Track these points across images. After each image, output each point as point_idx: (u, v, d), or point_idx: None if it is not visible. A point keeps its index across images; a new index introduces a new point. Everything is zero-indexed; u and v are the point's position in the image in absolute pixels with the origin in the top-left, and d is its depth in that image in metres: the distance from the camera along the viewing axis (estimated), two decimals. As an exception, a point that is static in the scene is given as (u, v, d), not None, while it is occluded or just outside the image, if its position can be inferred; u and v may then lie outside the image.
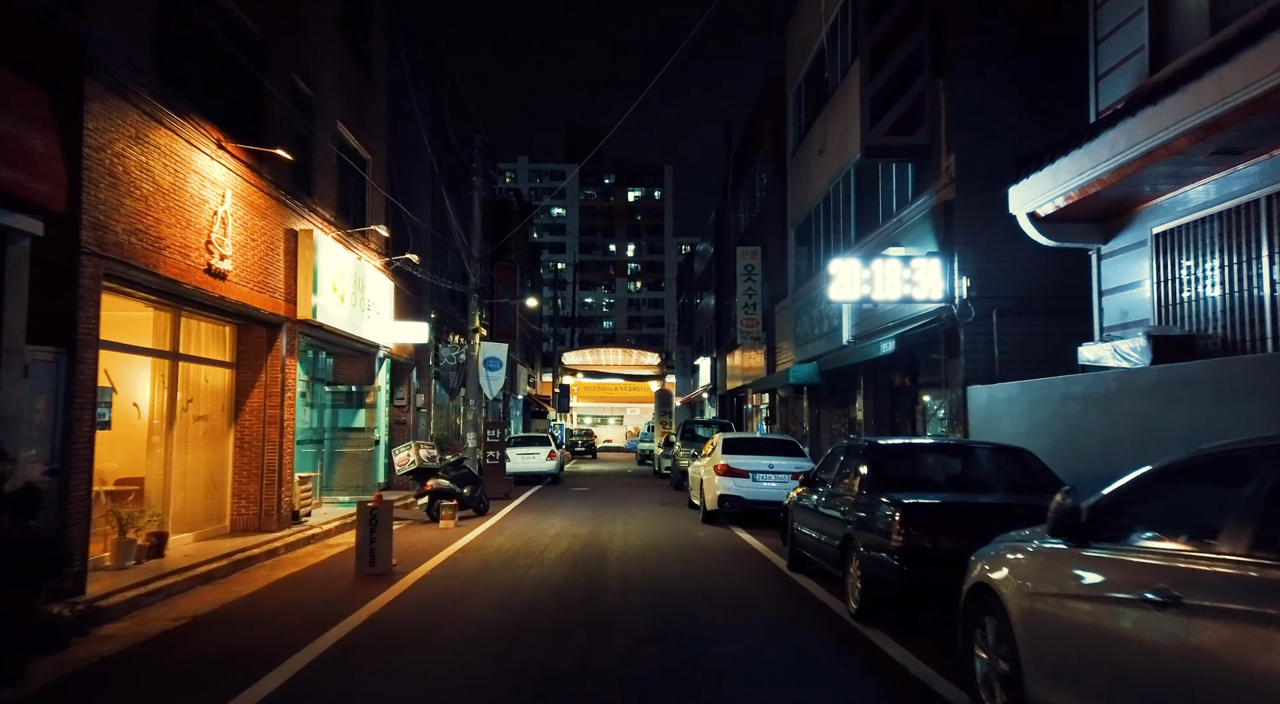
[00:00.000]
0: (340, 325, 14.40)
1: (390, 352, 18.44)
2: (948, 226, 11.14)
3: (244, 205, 11.11)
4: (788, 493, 14.03)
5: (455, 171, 22.97)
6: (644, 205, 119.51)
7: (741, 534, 13.50)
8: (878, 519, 6.78)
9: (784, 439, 16.14)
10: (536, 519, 15.65)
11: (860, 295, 11.25)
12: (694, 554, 11.32)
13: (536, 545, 12.05)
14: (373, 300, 16.50)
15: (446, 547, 11.91)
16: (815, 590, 8.66)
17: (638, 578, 9.45)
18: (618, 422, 72.85)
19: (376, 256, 17.10)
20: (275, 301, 12.16)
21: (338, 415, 17.38)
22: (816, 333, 17.80)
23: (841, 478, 8.31)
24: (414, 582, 9.22)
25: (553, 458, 25.68)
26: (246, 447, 12.30)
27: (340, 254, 14.46)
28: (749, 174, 29.24)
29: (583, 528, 14.20)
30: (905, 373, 14.58)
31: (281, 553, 11.39)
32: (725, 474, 14.48)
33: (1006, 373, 10.82)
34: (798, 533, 9.51)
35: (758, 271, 24.75)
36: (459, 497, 15.70)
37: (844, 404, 18.32)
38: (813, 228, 19.54)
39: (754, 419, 28.60)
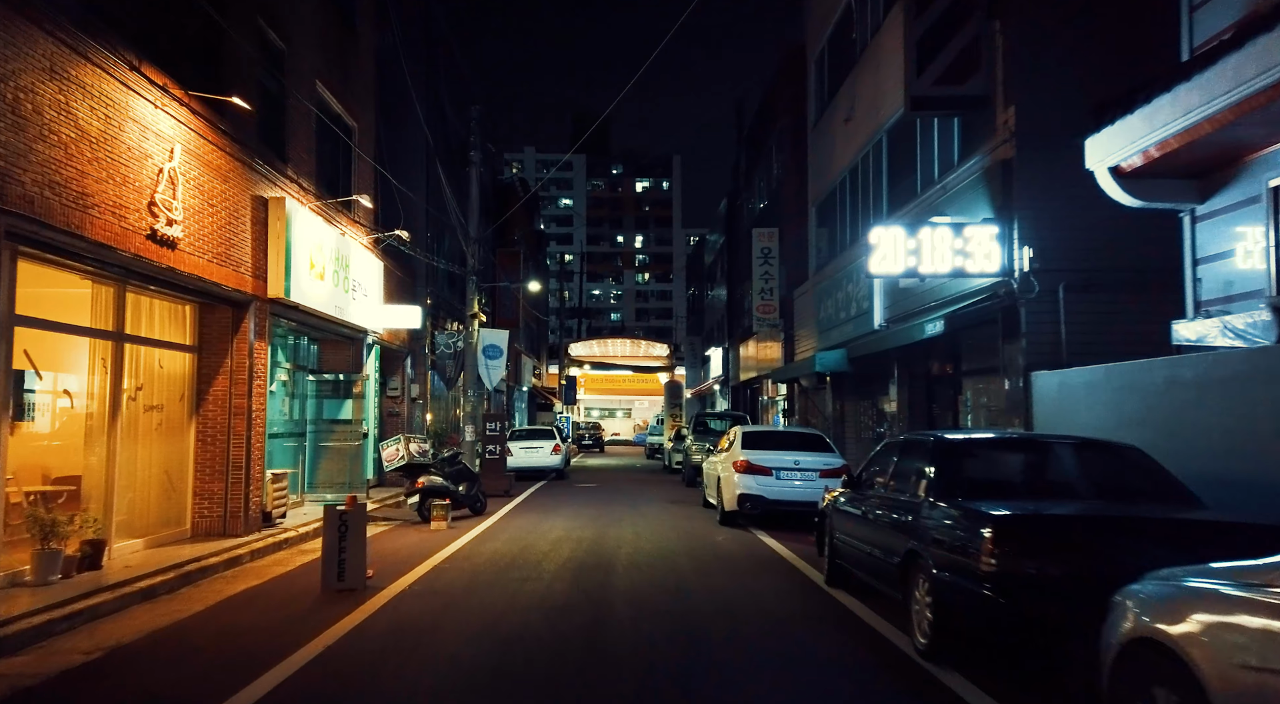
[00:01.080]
0: (320, 306, 13.02)
1: (380, 338, 17.05)
2: (1006, 189, 9.69)
3: (200, 165, 9.72)
4: (816, 493, 12.69)
5: (452, 148, 21.56)
6: (652, 196, 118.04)
7: (765, 539, 12.09)
8: (959, 535, 5.36)
9: (810, 432, 14.72)
10: (537, 520, 14.27)
11: (905, 268, 9.82)
12: (713, 565, 9.91)
13: (534, 552, 10.66)
14: (359, 281, 15.11)
15: (433, 553, 10.54)
16: (864, 614, 7.24)
17: (649, 597, 8.05)
18: (625, 415, 71.51)
19: (363, 233, 15.71)
20: (240, 277, 10.78)
21: (322, 406, 16.02)
22: (842, 317, 16.36)
23: (898, 480, 6.89)
24: (387, 600, 7.84)
25: (557, 452, 24.30)
26: (210, 441, 10.94)
27: (320, 228, 13.07)
28: (763, 154, 27.75)
29: (587, 531, 12.82)
30: (945, 359, 13.14)
31: (245, 561, 10.02)
32: (745, 471, 13.07)
33: (1074, 356, 9.37)
34: (839, 543, 8.09)
35: (774, 255, 23.28)
36: (453, 495, 14.33)
37: (873, 394, 16.88)
38: (837, 204, 18.07)
39: (769, 411, 27.17)
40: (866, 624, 6.93)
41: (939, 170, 12.16)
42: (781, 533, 12.60)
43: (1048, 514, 5.23)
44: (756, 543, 11.80)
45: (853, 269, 15.77)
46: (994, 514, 5.04)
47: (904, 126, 13.82)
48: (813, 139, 20.45)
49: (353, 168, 15.61)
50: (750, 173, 30.45)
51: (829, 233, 19.08)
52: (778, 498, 12.84)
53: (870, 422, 17.25)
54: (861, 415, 17.81)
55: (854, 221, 16.84)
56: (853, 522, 7.67)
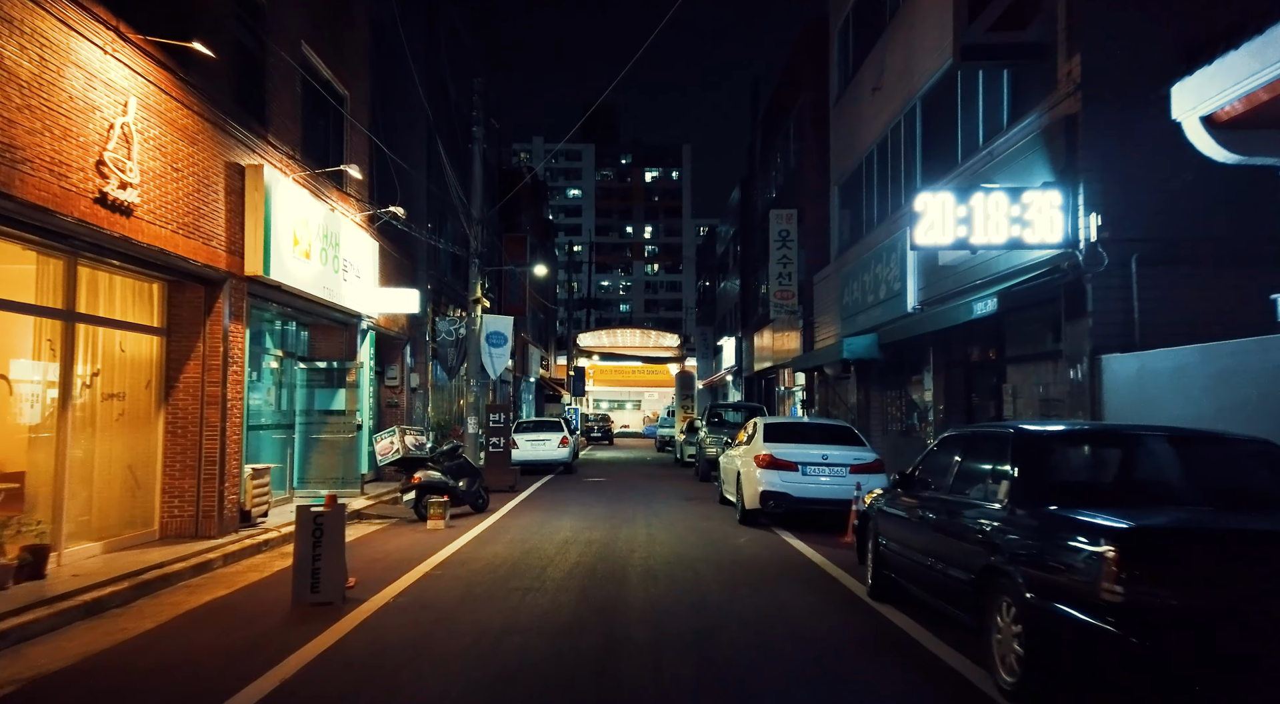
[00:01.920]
0: (305, 287, 11.97)
1: (375, 323, 16.01)
2: (1070, 149, 8.56)
3: (162, 123, 8.66)
4: (847, 490, 11.61)
5: (454, 126, 20.48)
6: (661, 186, 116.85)
7: (791, 541, 11.01)
8: (1063, 552, 4.28)
9: (838, 424, 13.61)
10: (543, 519, 13.23)
11: (954, 239, 8.71)
12: (738, 573, 8.83)
13: (539, 557, 9.61)
14: (351, 261, 14.06)
15: (427, 557, 9.50)
16: (923, 637, 6.16)
17: (668, 615, 6.98)
18: (635, 406, 70.42)
19: (355, 209, 14.65)
20: (212, 251, 9.73)
21: (313, 396, 15.00)
22: (870, 301, 15.24)
23: (965, 480, 5.80)
24: (366, 617, 6.79)
25: (565, 445, 23.25)
26: (180, 433, 9.92)
27: (305, 202, 12.02)
28: (781, 134, 26.58)
29: (597, 532, 11.76)
30: (988, 343, 12.01)
31: (216, 567, 9.00)
32: (769, 467, 11.99)
33: (1149, 337, 8.25)
34: (886, 551, 7.01)
35: (793, 238, 22.14)
36: (451, 491, 13.30)
37: (902, 383, 15.76)
38: (863, 182, 16.92)
39: (786, 402, 26.07)
40: (929, 652, 5.84)
41: (984, 136, 11.02)
42: (808, 534, 11.53)
43: (1193, 528, 4.12)
44: (782, 546, 10.72)
45: (882, 249, 14.65)
46: (1119, 528, 3.94)
47: (941, 91, 12.68)
48: (835, 115, 19.29)
49: (344, 140, 14.54)
50: (766, 155, 29.26)
51: (853, 213, 17.94)
52: (804, 496, 11.76)
53: (898, 413, 16.15)
54: (888, 406, 16.70)
55: (882, 199, 15.70)
56: (905, 527, 6.59)
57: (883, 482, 11.78)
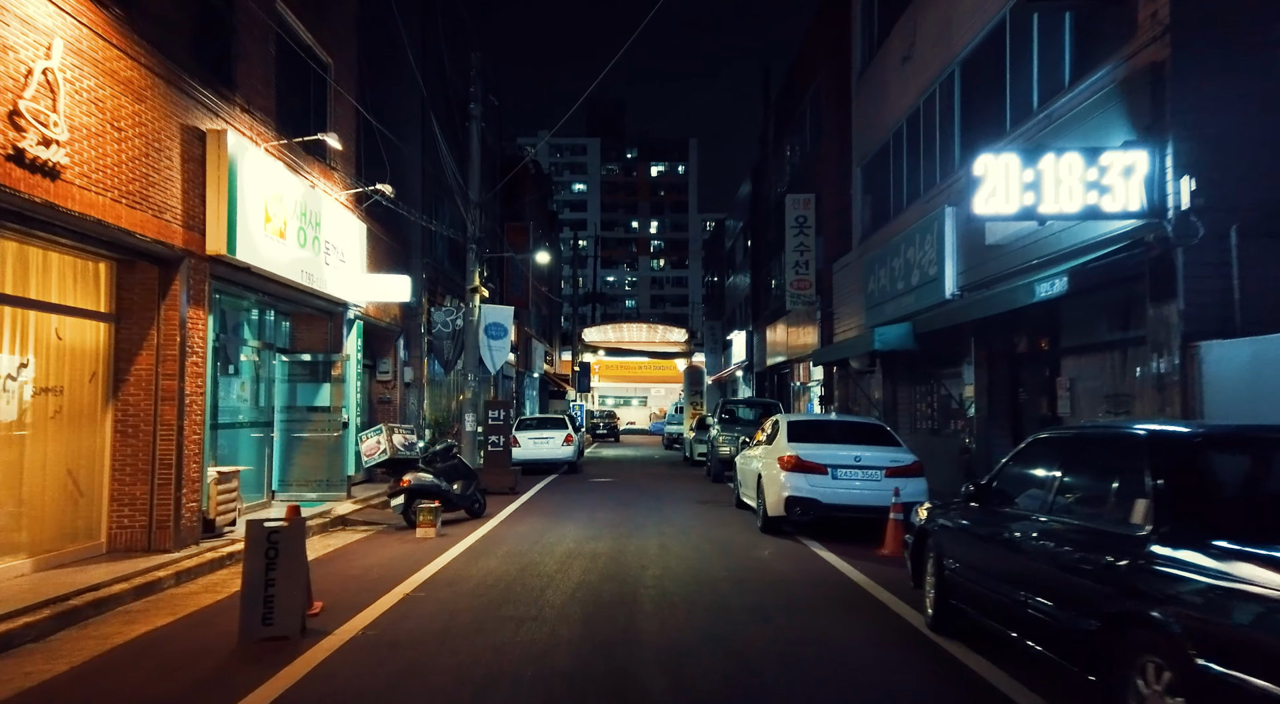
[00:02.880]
0: (280, 270, 10.78)
1: (364, 313, 14.82)
2: (1156, 103, 7.33)
3: (100, 74, 7.47)
4: (882, 496, 10.38)
5: (450, 103, 19.27)
6: (667, 180, 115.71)
7: (822, 553, 9.80)
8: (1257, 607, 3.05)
9: (869, 422, 12.39)
10: (545, 526, 12.04)
11: (1020, 207, 7.49)
12: (769, 596, 7.62)
13: (538, 574, 8.41)
14: (335, 244, 12.87)
15: (411, 575, 8.32)
16: (1013, 690, 4.93)
17: (692, 656, 5.76)
18: (641, 403, 69.20)
19: (339, 187, 13.45)
20: (165, 226, 8.53)
21: (295, 391, 13.82)
22: (900, 288, 14.02)
23: (1075, 496, 4.57)
24: (325, 658, 5.60)
25: (569, 443, 22.07)
26: (131, 433, 8.74)
27: (280, 176, 10.83)
28: (795, 117, 25.32)
29: (604, 542, 10.57)
30: (1039, 332, 10.79)
31: (166, 586, 7.83)
32: (794, 469, 10.77)
33: (1251, 321, 7.01)
34: (955, 577, 5.79)
35: (810, 224, 20.89)
36: (444, 495, 12.13)
37: (933, 378, 14.53)
38: (890, 160, 15.68)
39: (801, 399, 24.84)
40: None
41: (1039, 98, 9.78)
42: (838, 544, 10.32)
43: None
44: (812, 560, 9.51)
45: (914, 231, 13.41)
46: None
47: (985, 54, 11.43)
48: (858, 91, 18.04)
49: (328, 112, 13.33)
50: (779, 140, 28.00)
51: (878, 194, 16.70)
52: (835, 502, 10.55)
53: (929, 410, 14.92)
54: (917, 403, 15.48)
55: (913, 177, 14.46)
56: (983, 550, 5.37)
57: (922, 486, 10.58)
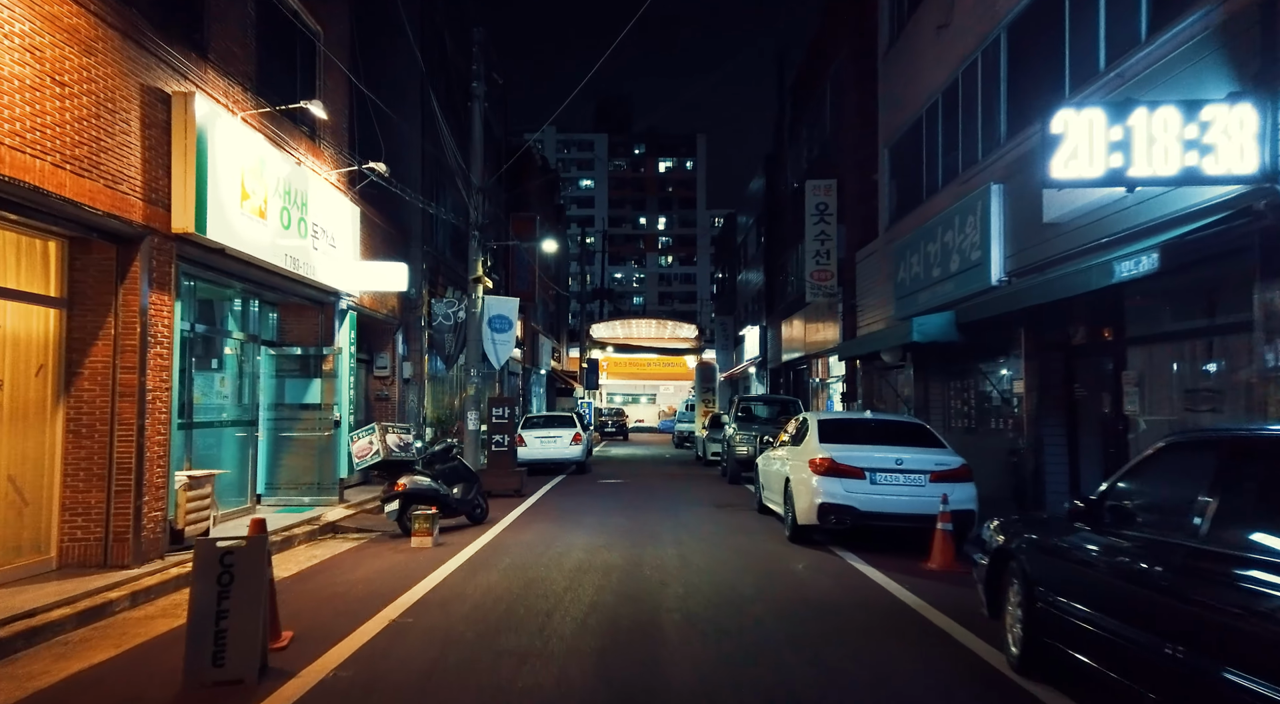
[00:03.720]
0: (260, 253, 9.77)
1: (358, 303, 13.82)
2: (1268, 47, 6.25)
3: (38, 19, 6.46)
4: (929, 503, 9.29)
5: (451, 82, 18.25)
6: (675, 176, 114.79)
7: (861, 567, 8.76)
8: None
9: (907, 421, 11.32)
10: (552, 533, 11.02)
11: (1105, 170, 6.42)
12: (812, 623, 6.57)
13: (543, 594, 7.39)
14: (324, 228, 11.87)
15: (400, 593, 7.32)
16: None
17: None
18: (650, 400, 68.11)
19: (329, 165, 12.44)
20: (120, 198, 7.53)
21: (283, 387, 12.82)
22: (935, 276, 12.94)
23: (1245, 519, 3.51)
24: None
25: (578, 442, 21.05)
26: (85, 433, 7.75)
27: (260, 149, 9.82)
28: (814, 101, 24.23)
29: (617, 552, 9.55)
30: (1101, 320, 9.71)
31: (119, 609, 6.84)
32: (828, 473, 9.73)
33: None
34: (1052, 612, 4.74)
35: (832, 212, 19.82)
36: (442, 500, 11.14)
37: (970, 373, 13.45)
38: (922, 138, 14.60)
39: (820, 396, 23.77)
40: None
41: (1107, 56, 8.70)
42: (877, 555, 9.29)
43: None
44: (854, 576, 8.47)
45: (952, 214, 12.34)
46: None
47: (1039, 12, 10.35)
48: (885, 68, 16.96)
49: (316, 85, 12.31)
50: (796, 127, 26.90)
51: (908, 176, 15.62)
52: (874, 510, 9.50)
53: (966, 407, 13.83)
54: (952, 399, 14.39)
55: (949, 155, 13.38)
56: (1097, 582, 4.32)
57: (970, 492, 9.53)
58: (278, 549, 9.69)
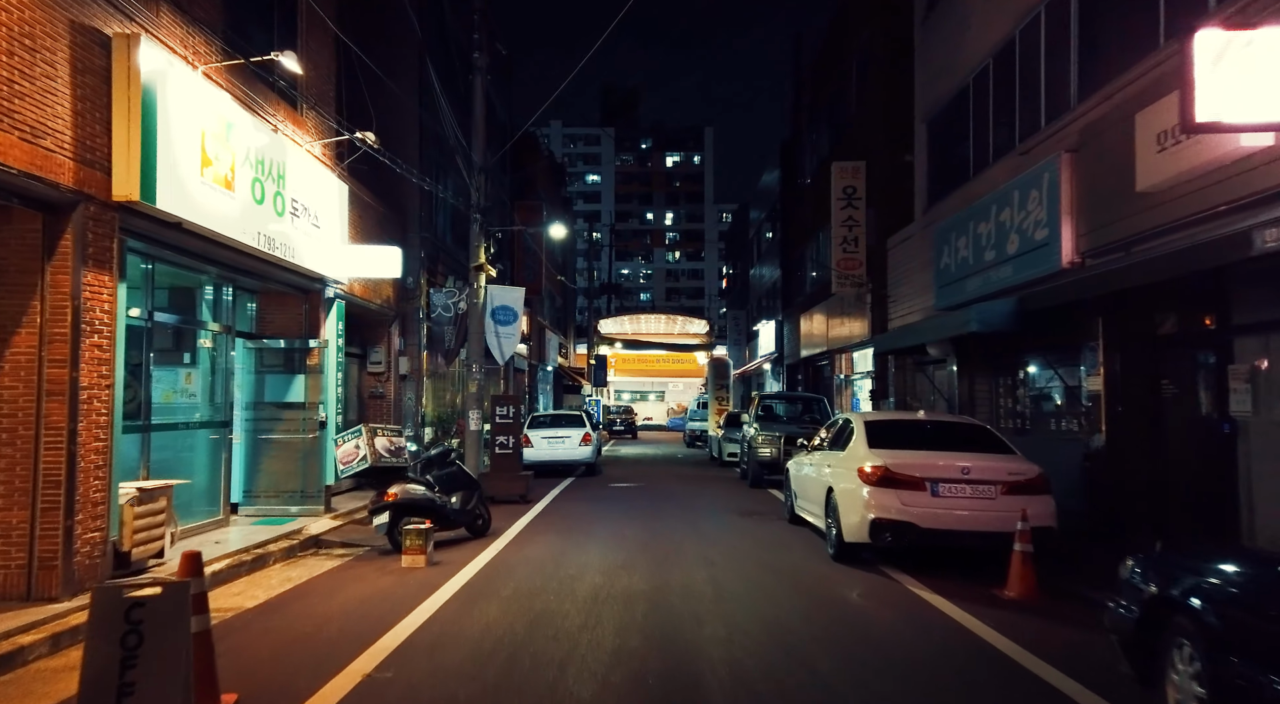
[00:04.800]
0: (227, 230, 8.47)
1: (346, 291, 12.52)
2: None
3: (-79, -75, 5.16)
4: (1004, 518, 8.01)
5: (451, 56, 16.93)
6: (683, 171, 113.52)
7: (926, 595, 7.44)
8: None
9: (968, 423, 9.97)
10: (562, 548, 9.73)
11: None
12: (890, 678, 5.25)
13: (554, 635, 6.08)
14: (306, 205, 10.57)
15: (381, 634, 6.04)
16: None
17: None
18: (659, 398, 66.82)
19: (313, 136, 11.13)
20: (45, 156, 6.23)
21: (263, 384, 11.55)
22: (990, 259, 11.60)
23: None
24: None
25: (587, 442, 19.78)
26: (6, 439, 6.50)
27: (227, 109, 8.52)
28: (836, 81, 22.86)
29: (639, 575, 8.24)
30: (1199, 307, 8.36)
31: (35, 656, 5.58)
32: (882, 484, 8.39)
33: None
34: (1260, 690, 3.39)
35: (860, 195, 18.45)
36: (438, 512, 9.88)
37: (1023, 369, 12.10)
38: (969, 109, 13.24)
39: (844, 393, 22.42)
40: None
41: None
42: (939, 579, 7.98)
43: None
44: (921, 607, 7.14)
45: (1009, 190, 11.00)
46: None
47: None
48: (922, 36, 15.60)
49: (298, 45, 10.99)
50: (815, 109, 25.52)
51: (952, 152, 14.27)
52: (937, 527, 8.17)
53: (1017, 405, 12.47)
54: (1001, 397, 13.03)
55: (1003, 125, 12.04)
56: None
57: (1049, 507, 8.19)
58: (248, 570, 8.42)
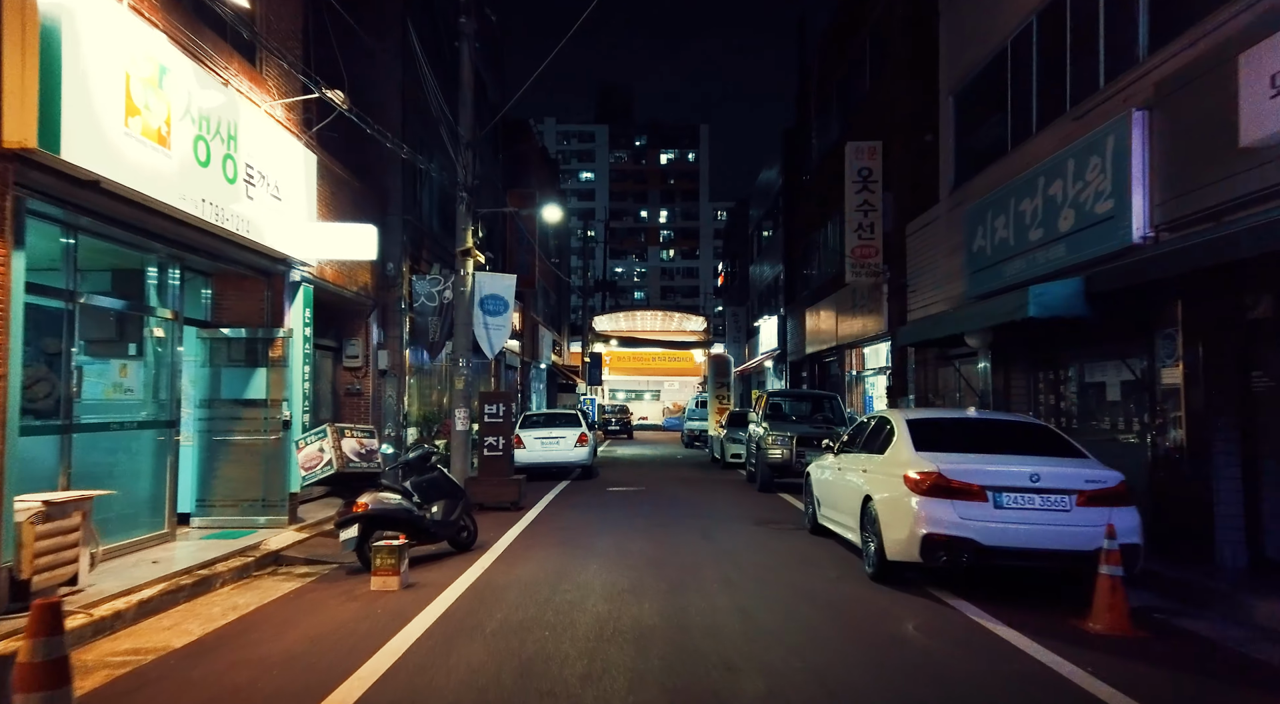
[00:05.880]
0: (160, 193, 7.17)
1: (315, 274, 11.21)
2: None
3: None
4: (1082, 534, 6.71)
5: (438, 33, 15.61)
6: (677, 168, 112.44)
7: (994, 626, 6.17)
8: None
9: (1025, 421, 8.69)
10: (558, 567, 8.43)
11: None
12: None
13: (549, 690, 4.79)
14: (264, 173, 9.26)
15: (334, 686, 4.74)
16: None
17: None
18: (654, 397, 65.55)
19: (273, 95, 9.81)
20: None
21: (219, 379, 10.24)
22: (1036, 239, 10.34)
23: None
24: None
25: (584, 443, 18.51)
26: None
27: (161, 53, 7.21)
28: (847, 61, 21.61)
29: (649, 604, 6.96)
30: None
31: None
32: (934, 493, 7.13)
33: None
34: None
35: (876, 178, 17.18)
36: (415, 524, 8.62)
37: (1071, 361, 10.85)
38: (1009, 75, 11.99)
39: (856, 390, 21.17)
40: None
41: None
42: (1003, 605, 6.73)
43: None
44: (994, 644, 5.87)
45: (1063, 159, 9.75)
46: None
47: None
48: (948, 2, 14.34)
49: (257, -7, 9.66)
50: (824, 92, 24.24)
51: (986, 125, 13.02)
52: (1002, 544, 6.91)
53: (1063, 404, 11.21)
54: (1041, 394, 11.77)
55: (1051, 89, 10.79)
56: None
57: (1133, 520, 6.93)
58: (187, 596, 7.13)
